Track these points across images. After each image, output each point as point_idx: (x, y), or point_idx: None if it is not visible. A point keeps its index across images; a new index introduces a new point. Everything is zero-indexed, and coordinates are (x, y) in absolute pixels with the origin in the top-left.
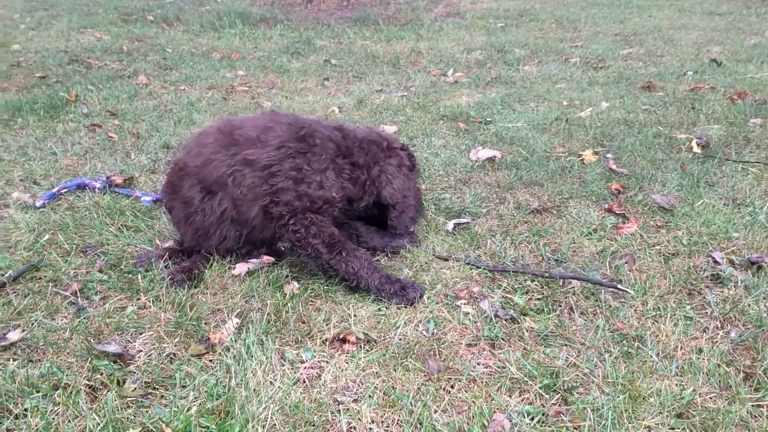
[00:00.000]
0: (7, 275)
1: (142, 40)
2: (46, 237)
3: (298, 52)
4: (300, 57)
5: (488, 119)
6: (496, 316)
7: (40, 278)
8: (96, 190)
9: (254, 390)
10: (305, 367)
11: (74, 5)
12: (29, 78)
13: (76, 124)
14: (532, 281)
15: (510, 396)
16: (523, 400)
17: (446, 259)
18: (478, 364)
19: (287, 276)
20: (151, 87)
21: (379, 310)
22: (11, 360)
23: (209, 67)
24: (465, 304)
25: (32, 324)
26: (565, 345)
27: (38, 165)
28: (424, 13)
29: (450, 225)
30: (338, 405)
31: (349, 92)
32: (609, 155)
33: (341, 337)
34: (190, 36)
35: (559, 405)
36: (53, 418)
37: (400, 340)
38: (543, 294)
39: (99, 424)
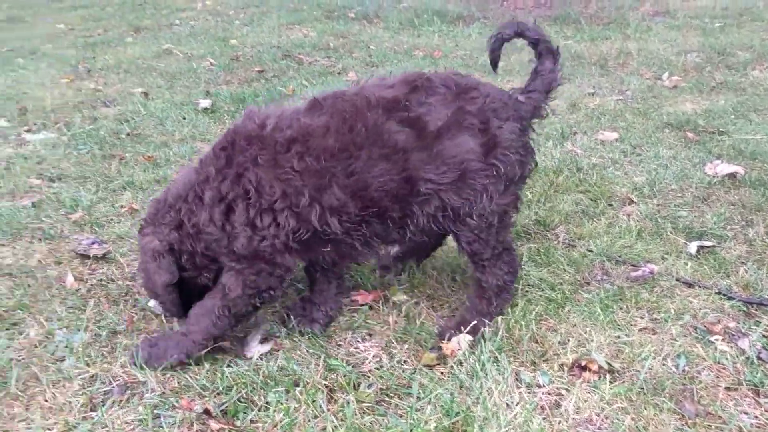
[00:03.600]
0: None
1: (346, 36)
2: None
3: None
4: (501, 56)
5: (721, 129)
6: (758, 358)
7: None
8: None
9: (492, 412)
10: (543, 393)
11: (282, 2)
12: (248, 72)
13: None
14: None
15: None
16: None
17: (691, 286)
18: (743, 412)
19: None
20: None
21: (619, 337)
22: None
23: (414, 65)
24: (720, 340)
25: (270, 316)
26: None
27: None
28: (630, 12)
29: (693, 247)
30: None
31: (558, 93)
32: None
33: (581, 363)
34: (390, 33)
35: None
36: (295, 416)
37: (647, 374)
38: None
39: (337, 427)
